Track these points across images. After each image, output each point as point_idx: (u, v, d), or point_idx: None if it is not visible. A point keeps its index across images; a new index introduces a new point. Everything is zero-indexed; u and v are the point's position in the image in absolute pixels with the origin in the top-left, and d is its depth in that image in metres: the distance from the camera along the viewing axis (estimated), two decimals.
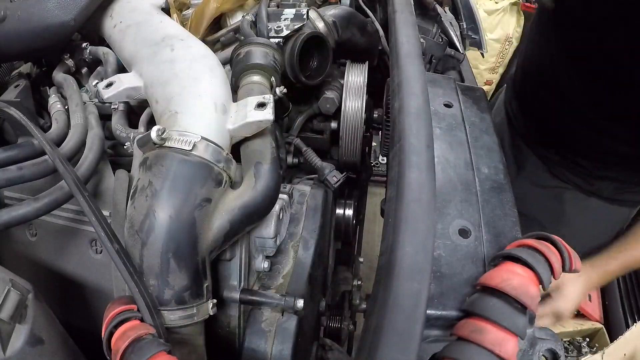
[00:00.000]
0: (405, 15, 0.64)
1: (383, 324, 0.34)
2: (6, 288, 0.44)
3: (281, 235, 0.65)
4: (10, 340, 0.43)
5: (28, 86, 0.67)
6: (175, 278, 0.49)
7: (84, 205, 0.48)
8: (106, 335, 0.44)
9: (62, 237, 0.64)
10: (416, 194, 0.41)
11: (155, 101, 0.60)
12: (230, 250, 0.61)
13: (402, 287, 0.36)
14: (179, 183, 0.50)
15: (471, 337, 0.41)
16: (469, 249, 0.53)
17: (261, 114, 0.56)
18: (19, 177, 0.54)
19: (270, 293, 0.62)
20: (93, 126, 0.66)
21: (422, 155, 0.44)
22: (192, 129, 0.54)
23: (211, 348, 0.58)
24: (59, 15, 0.69)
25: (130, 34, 0.70)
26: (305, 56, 0.84)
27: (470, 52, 1.21)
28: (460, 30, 1.14)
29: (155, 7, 0.78)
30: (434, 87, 0.78)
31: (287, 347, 0.63)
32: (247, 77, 0.67)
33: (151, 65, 0.63)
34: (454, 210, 0.58)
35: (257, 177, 0.56)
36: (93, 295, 0.64)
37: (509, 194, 0.61)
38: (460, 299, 0.48)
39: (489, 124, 0.72)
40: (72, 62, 0.79)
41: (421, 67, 0.55)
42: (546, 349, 0.49)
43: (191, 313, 0.50)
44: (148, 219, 0.48)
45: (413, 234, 0.38)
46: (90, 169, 0.59)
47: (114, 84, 0.63)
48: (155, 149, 0.52)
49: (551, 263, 0.45)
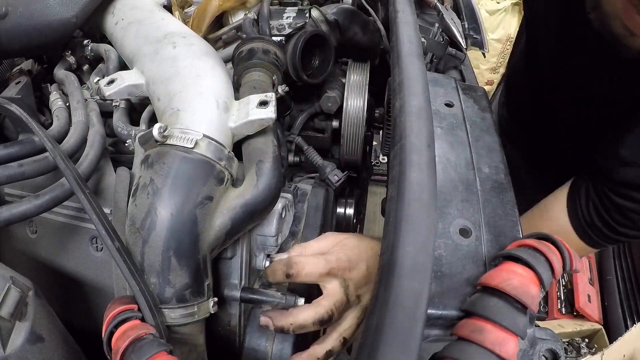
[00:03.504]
0: (407, 15, 0.64)
1: (383, 324, 0.34)
2: (7, 285, 0.44)
3: (283, 234, 0.65)
4: (11, 338, 0.43)
5: (29, 83, 0.67)
6: (176, 276, 0.49)
7: (84, 203, 0.48)
8: (106, 334, 0.44)
9: (62, 235, 0.64)
10: (417, 193, 0.40)
11: (157, 99, 0.60)
12: (231, 249, 0.61)
13: (402, 287, 0.36)
14: (181, 181, 0.50)
15: (471, 337, 0.41)
16: (470, 248, 0.53)
17: (263, 112, 0.56)
18: (19, 174, 0.54)
19: (271, 292, 0.62)
20: (94, 123, 0.66)
21: (423, 154, 0.44)
22: (194, 127, 0.53)
23: (212, 347, 0.58)
24: (60, 12, 0.69)
25: (132, 32, 0.70)
26: (307, 55, 0.83)
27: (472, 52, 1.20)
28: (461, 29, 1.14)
29: (157, 5, 0.78)
30: (435, 87, 0.78)
31: (288, 346, 0.63)
32: (249, 75, 0.67)
33: (153, 62, 0.63)
34: (455, 209, 0.58)
35: (258, 175, 0.56)
36: (93, 293, 0.64)
37: (509, 193, 0.61)
38: (461, 298, 0.48)
39: (490, 123, 0.72)
40: (73, 59, 0.79)
41: (422, 66, 0.55)
42: (546, 349, 0.49)
43: (192, 311, 0.51)
44: (149, 217, 0.48)
45: (414, 233, 0.38)
46: (92, 166, 0.59)
47: (116, 81, 0.63)
48: (156, 147, 0.52)
49: (552, 263, 0.45)
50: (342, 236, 0.67)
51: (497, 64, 2.75)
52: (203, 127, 0.54)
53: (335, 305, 0.61)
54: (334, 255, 0.62)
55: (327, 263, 0.61)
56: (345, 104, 0.87)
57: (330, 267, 0.61)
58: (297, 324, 0.59)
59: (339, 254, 0.63)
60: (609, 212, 0.79)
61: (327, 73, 0.84)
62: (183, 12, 0.90)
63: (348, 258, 0.63)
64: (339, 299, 0.61)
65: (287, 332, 0.60)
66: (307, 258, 0.61)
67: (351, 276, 0.62)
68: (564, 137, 0.94)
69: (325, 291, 0.62)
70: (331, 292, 0.62)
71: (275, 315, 0.59)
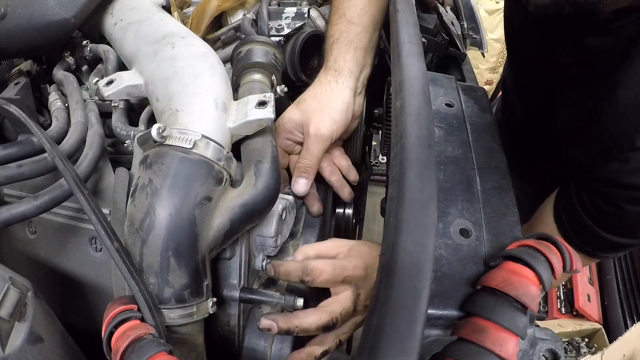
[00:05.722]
0: (407, 15, 0.64)
1: (383, 324, 0.34)
2: (5, 286, 0.43)
3: (283, 236, 0.65)
4: (10, 339, 0.43)
5: (28, 84, 0.67)
6: (175, 276, 0.49)
7: (83, 203, 0.48)
8: (106, 335, 0.44)
9: (61, 235, 0.64)
10: (417, 193, 0.40)
11: (156, 99, 0.60)
12: (230, 249, 0.61)
13: (402, 287, 0.36)
14: (180, 181, 0.49)
15: (472, 337, 0.41)
16: (470, 248, 0.53)
17: (262, 113, 0.56)
18: (18, 175, 0.53)
19: (270, 292, 0.62)
20: (93, 124, 0.65)
21: (424, 154, 0.44)
22: (193, 127, 0.53)
23: (211, 347, 0.58)
24: (59, 12, 0.69)
25: (131, 32, 0.70)
26: (306, 55, 0.83)
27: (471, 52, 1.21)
28: (461, 30, 1.14)
29: (156, 5, 0.77)
30: (435, 87, 0.78)
31: (287, 346, 0.63)
32: (248, 75, 0.67)
33: (152, 63, 0.63)
34: (455, 209, 0.58)
35: (257, 175, 0.55)
36: (92, 293, 0.64)
37: (510, 193, 0.61)
38: (461, 298, 0.48)
39: (490, 123, 0.72)
40: (72, 59, 0.79)
41: (423, 66, 0.55)
42: (546, 349, 0.49)
43: (191, 312, 0.50)
44: (148, 217, 0.48)
45: (414, 233, 0.38)
46: (90, 166, 0.59)
47: (115, 82, 0.63)
48: (155, 147, 0.52)
49: (552, 263, 0.45)
50: (351, 242, 0.67)
51: (496, 64, 2.75)
52: (202, 127, 0.54)
53: (342, 313, 0.61)
54: (351, 263, 0.62)
55: (344, 270, 0.61)
56: None
57: (346, 275, 0.61)
58: (301, 328, 0.59)
59: (357, 261, 0.62)
60: (590, 215, 0.78)
61: None
62: (182, 12, 0.90)
63: (365, 265, 0.62)
64: (346, 307, 0.61)
65: (291, 334, 0.60)
66: (325, 265, 0.61)
67: (365, 286, 0.62)
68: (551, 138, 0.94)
69: (334, 296, 0.62)
70: (340, 299, 0.62)
71: (279, 318, 0.59)
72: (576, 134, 0.78)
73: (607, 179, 0.72)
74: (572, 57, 0.75)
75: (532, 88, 0.94)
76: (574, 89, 0.77)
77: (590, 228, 0.78)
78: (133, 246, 0.49)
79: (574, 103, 0.77)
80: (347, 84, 0.76)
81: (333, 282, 0.61)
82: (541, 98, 0.89)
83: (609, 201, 0.73)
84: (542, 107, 0.89)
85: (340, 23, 0.79)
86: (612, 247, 0.81)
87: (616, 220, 0.75)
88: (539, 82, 0.89)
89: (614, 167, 0.70)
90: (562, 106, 0.81)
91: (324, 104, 0.74)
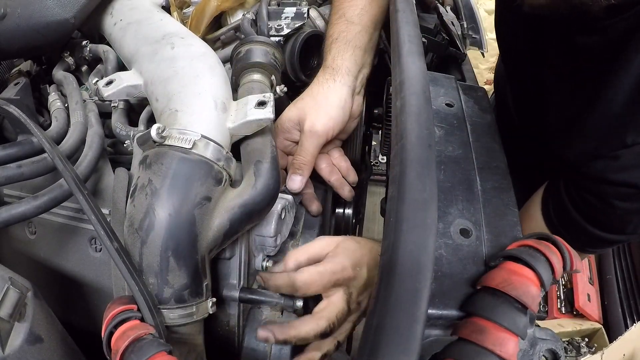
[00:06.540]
0: (407, 14, 0.64)
1: (384, 324, 0.34)
2: (5, 286, 0.43)
3: (283, 235, 0.65)
4: (9, 339, 0.43)
5: (28, 84, 0.67)
6: (175, 276, 0.49)
7: (83, 204, 0.48)
8: (106, 335, 0.44)
9: (61, 235, 0.64)
10: (418, 193, 0.40)
11: (155, 99, 0.60)
12: (230, 249, 0.60)
13: (402, 287, 0.36)
14: (179, 181, 0.49)
15: (472, 337, 0.41)
16: (470, 248, 0.53)
17: (261, 113, 0.56)
18: (18, 175, 0.53)
19: (269, 292, 0.62)
20: (93, 124, 0.65)
21: (424, 154, 0.44)
22: (192, 127, 0.53)
23: (210, 347, 0.58)
24: (59, 13, 0.69)
25: (131, 32, 0.70)
26: (306, 55, 0.83)
27: (471, 52, 1.21)
28: (461, 29, 1.14)
29: (156, 5, 0.77)
30: (435, 86, 0.78)
31: (287, 347, 0.63)
32: (248, 75, 0.67)
33: (151, 63, 0.63)
34: (456, 209, 0.58)
35: (257, 175, 0.55)
36: (92, 294, 0.64)
37: (510, 193, 0.61)
38: (461, 298, 0.48)
39: (490, 123, 0.72)
40: (72, 60, 0.79)
41: (423, 66, 0.55)
42: (546, 349, 0.49)
43: (190, 312, 0.50)
44: (148, 217, 0.48)
45: (414, 233, 0.38)
46: (90, 167, 0.59)
47: (114, 82, 0.63)
48: (155, 147, 0.52)
49: (552, 263, 0.45)
50: (338, 239, 0.67)
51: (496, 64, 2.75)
52: (201, 127, 0.54)
53: (337, 316, 0.61)
54: (339, 265, 0.61)
55: (332, 276, 0.61)
56: None
57: (336, 279, 0.61)
58: (299, 337, 0.59)
59: (344, 262, 0.62)
60: (579, 211, 0.78)
61: None
62: (181, 12, 0.90)
63: (352, 264, 0.62)
64: (340, 309, 0.61)
65: (289, 344, 0.60)
66: (313, 276, 0.61)
67: (355, 284, 0.62)
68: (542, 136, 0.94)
69: (327, 300, 0.62)
70: (334, 302, 0.62)
71: (276, 329, 0.59)
72: (567, 131, 0.78)
73: (597, 176, 0.72)
74: (562, 56, 0.75)
75: (524, 86, 0.94)
76: (564, 87, 0.77)
77: (579, 224, 0.78)
78: (133, 246, 0.49)
79: (565, 101, 0.77)
80: (345, 82, 0.75)
81: (324, 289, 0.61)
82: (533, 96, 0.89)
83: (599, 198, 0.73)
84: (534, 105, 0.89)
85: (340, 23, 0.79)
86: (601, 243, 0.81)
87: (605, 217, 0.76)
88: (530, 80, 0.89)
89: (604, 164, 0.71)
90: (553, 104, 0.81)
91: (320, 101, 0.74)
